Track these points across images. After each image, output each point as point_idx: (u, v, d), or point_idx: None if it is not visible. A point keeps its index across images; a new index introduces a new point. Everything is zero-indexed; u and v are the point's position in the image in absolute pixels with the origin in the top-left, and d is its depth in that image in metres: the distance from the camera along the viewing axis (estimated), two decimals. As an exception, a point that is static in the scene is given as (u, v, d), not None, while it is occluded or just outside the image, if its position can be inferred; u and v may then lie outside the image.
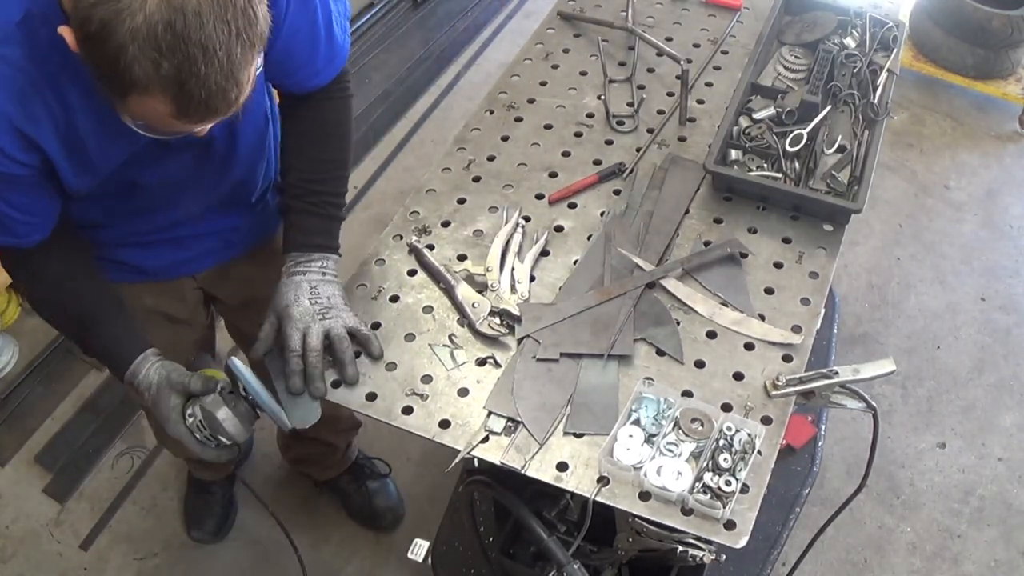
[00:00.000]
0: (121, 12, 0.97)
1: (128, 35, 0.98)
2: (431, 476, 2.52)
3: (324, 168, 1.56)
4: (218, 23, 1.01)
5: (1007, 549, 2.41)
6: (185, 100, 1.05)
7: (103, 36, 0.99)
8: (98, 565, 2.41)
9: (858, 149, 1.78)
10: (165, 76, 1.01)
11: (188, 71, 1.01)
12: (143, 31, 0.98)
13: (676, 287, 1.60)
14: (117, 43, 0.99)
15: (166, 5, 0.98)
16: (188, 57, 1.00)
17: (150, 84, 1.02)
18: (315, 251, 1.52)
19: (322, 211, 1.54)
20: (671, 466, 1.33)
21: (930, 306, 2.94)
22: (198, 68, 1.02)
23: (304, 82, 1.50)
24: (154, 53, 0.99)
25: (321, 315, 1.46)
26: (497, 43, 3.93)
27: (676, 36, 2.13)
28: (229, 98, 1.08)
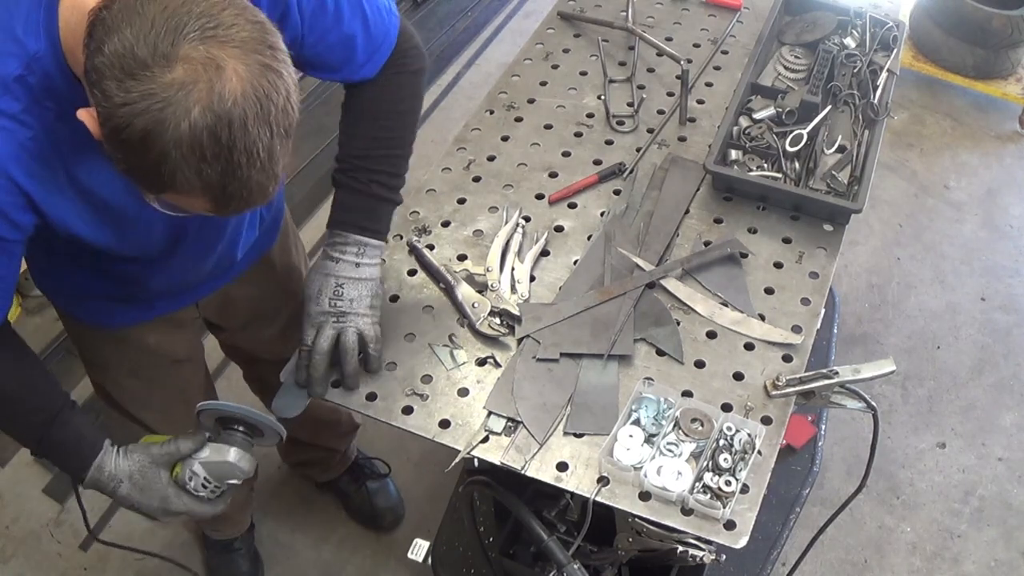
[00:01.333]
0: (164, 122, 0.94)
1: (172, 143, 0.95)
2: (431, 476, 2.51)
3: (374, 145, 1.49)
4: (261, 126, 0.99)
5: (1007, 549, 2.41)
6: (226, 200, 1.04)
7: (145, 145, 0.96)
8: (98, 565, 2.41)
9: (858, 149, 1.78)
10: (207, 181, 1.00)
11: (231, 176, 1.00)
12: (187, 140, 0.95)
13: (676, 287, 1.60)
14: (160, 151, 0.96)
15: (211, 113, 0.95)
16: (232, 163, 0.99)
17: (192, 189, 1.01)
18: (352, 232, 1.46)
19: (367, 189, 1.47)
20: (671, 466, 1.33)
21: (930, 306, 2.94)
22: (242, 172, 1.00)
23: (350, 77, 1.45)
24: (198, 162, 0.97)
25: (336, 318, 1.43)
26: (497, 43, 3.93)
27: (676, 36, 2.13)
28: (267, 193, 1.06)
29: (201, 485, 1.32)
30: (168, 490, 1.32)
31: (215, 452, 1.31)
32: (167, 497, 1.32)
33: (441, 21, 4.01)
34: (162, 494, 1.32)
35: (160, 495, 1.32)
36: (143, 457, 1.32)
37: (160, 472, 1.31)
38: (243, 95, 0.97)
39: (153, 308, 1.60)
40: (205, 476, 1.32)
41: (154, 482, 1.31)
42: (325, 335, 1.42)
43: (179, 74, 0.94)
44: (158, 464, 1.31)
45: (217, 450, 1.31)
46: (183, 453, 1.31)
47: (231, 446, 1.31)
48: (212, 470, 1.32)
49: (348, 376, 1.45)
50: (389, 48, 1.46)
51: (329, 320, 1.43)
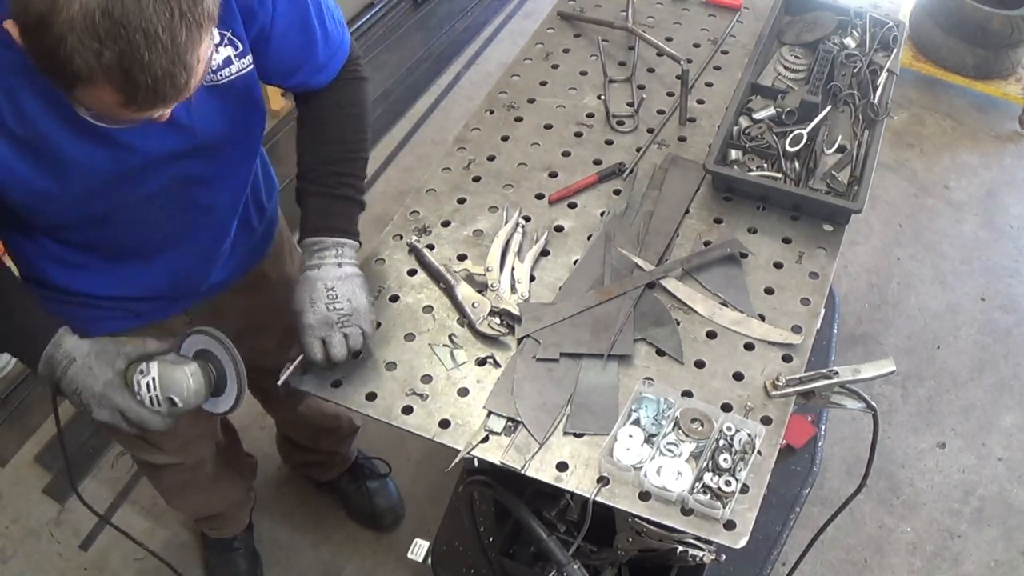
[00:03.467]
0: (57, 2, 0.94)
1: (66, 25, 0.94)
2: (431, 476, 2.51)
3: (337, 149, 1.50)
4: (158, 5, 0.97)
5: (1007, 549, 2.41)
6: (132, 88, 1.01)
7: (41, 28, 0.95)
8: (98, 565, 2.41)
9: (858, 149, 1.78)
10: (107, 65, 0.97)
11: (131, 58, 0.97)
12: (80, 20, 0.94)
13: (676, 287, 1.60)
14: (55, 34, 0.95)
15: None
16: (130, 43, 0.96)
17: (93, 74, 0.98)
18: (329, 235, 1.45)
19: (336, 191, 1.48)
20: (671, 466, 1.33)
21: (930, 306, 2.94)
22: (141, 54, 0.98)
23: (308, 80, 1.48)
24: (93, 42, 0.96)
25: (340, 323, 1.41)
26: (497, 43, 3.93)
27: (676, 36, 2.13)
28: (178, 83, 1.03)
29: (147, 385, 1.28)
30: (115, 379, 1.29)
31: (177, 363, 1.29)
32: (110, 383, 1.29)
33: (441, 21, 4.02)
34: (107, 379, 1.29)
35: (104, 379, 1.29)
36: (104, 345, 1.30)
37: (116, 360, 1.29)
38: None
39: (140, 315, 1.58)
40: (153, 377, 1.28)
41: (104, 365, 1.29)
42: (336, 342, 1.40)
43: None
44: (114, 354, 1.30)
45: (181, 362, 1.30)
46: (148, 351, 1.30)
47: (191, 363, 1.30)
48: (163, 374, 1.28)
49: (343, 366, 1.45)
50: (345, 54, 1.51)
51: (335, 327, 1.41)
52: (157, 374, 1.29)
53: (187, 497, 2.14)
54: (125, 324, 1.58)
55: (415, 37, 3.95)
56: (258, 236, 1.69)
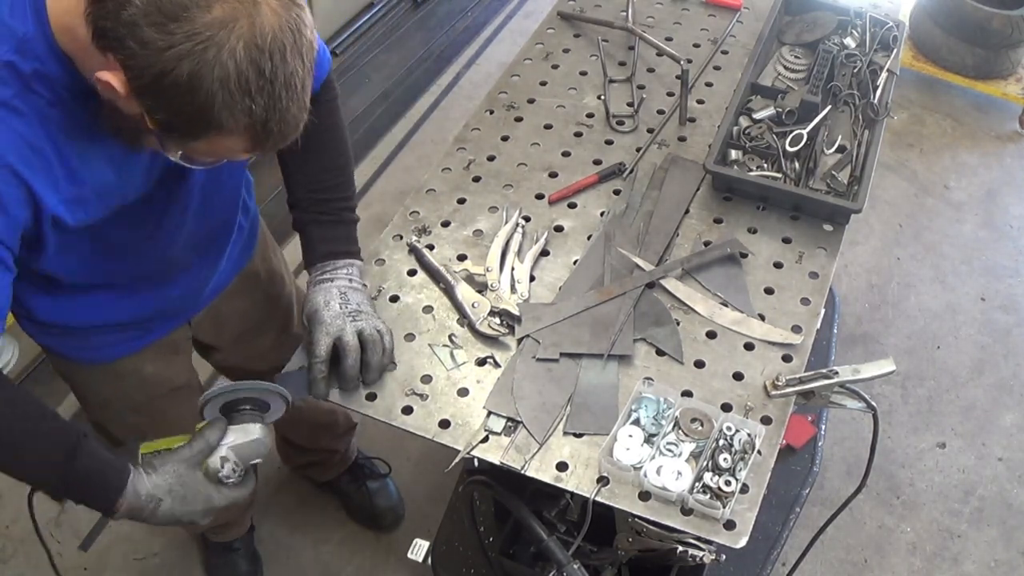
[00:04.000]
0: (210, 60, 0.96)
1: (219, 82, 0.97)
2: (431, 476, 2.51)
3: (330, 175, 1.54)
4: (295, 58, 1.02)
5: (1007, 549, 2.41)
6: (264, 136, 1.05)
7: (192, 85, 0.97)
8: (98, 565, 2.41)
9: (858, 149, 1.78)
10: (253, 116, 1.02)
11: (273, 108, 1.02)
12: (234, 77, 0.97)
13: (676, 287, 1.60)
14: (207, 90, 0.97)
15: (255, 48, 0.98)
16: (274, 96, 1.01)
17: (236, 126, 1.02)
18: (339, 259, 1.50)
19: (336, 216, 1.53)
20: (671, 466, 1.33)
21: (930, 306, 2.94)
22: (282, 104, 1.02)
23: None
24: (245, 98, 0.99)
25: (352, 317, 1.44)
26: (497, 43, 3.93)
27: (676, 36, 2.13)
28: (299, 126, 1.08)
29: (231, 471, 1.29)
30: (209, 489, 1.28)
31: (239, 434, 1.29)
32: (210, 497, 1.28)
33: (441, 21, 4.02)
34: (205, 495, 1.28)
35: (204, 497, 1.28)
36: (176, 465, 1.26)
37: (196, 473, 1.27)
38: (280, 28, 1.00)
39: (150, 332, 1.58)
40: (235, 460, 1.29)
41: (194, 486, 1.27)
42: (350, 331, 1.43)
43: (218, 13, 0.96)
44: (192, 466, 1.27)
45: (241, 431, 1.29)
46: (213, 445, 1.28)
47: (252, 423, 1.30)
48: (241, 452, 1.29)
49: (374, 369, 1.45)
50: (326, 72, 1.52)
51: (347, 321, 1.43)
52: (235, 457, 1.30)
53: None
54: (134, 345, 1.58)
55: (415, 37, 3.95)
56: (246, 234, 1.70)
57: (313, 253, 1.51)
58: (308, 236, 1.53)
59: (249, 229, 1.70)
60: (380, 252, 1.69)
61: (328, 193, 1.53)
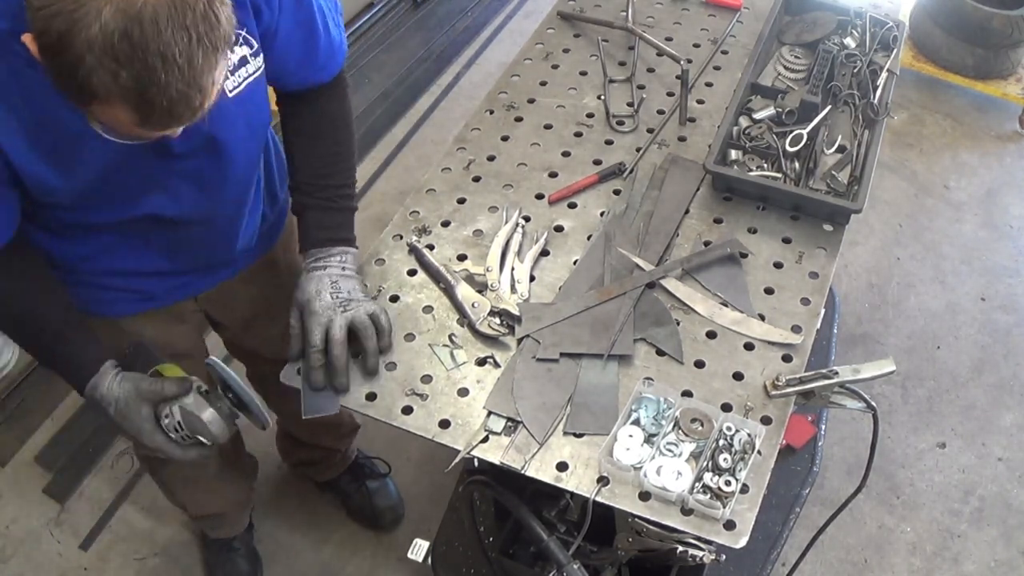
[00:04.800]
0: (78, 23, 0.95)
1: (85, 45, 0.96)
2: (431, 476, 2.51)
3: (332, 162, 1.56)
4: (177, 29, 0.99)
5: (1007, 549, 2.41)
6: (147, 109, 1.03)
7: (60, 47, 0.97)
8: (98, 565, 2.41)
9: (858, 149, 1.78)
10: (124, 86, 0.99)
11: (148, 80, 1.00)
12: (100, 41, 0.96)
13: (676, 287, 1.60)
14: (75, 54, 0.97)
15: (122, 15, 0.96)
16: (147, 66, 0.99)
17: (110, 94, 1.01)
18: (333, 245, 1.52)
19: (335, 204, 1.54)
20: (671, 466, 1.33)
21: (930, 306, 2.94)
22: (158, 76, 1.00)
23: (307, 79, 1.50)
24: (112, 63, 0.98)
25: (343, 307, 1.46)
26: (497, 43, 3.93)
27: (676, 36, 2.13)
28: (192, 105, 1.05)
29: (174, 428, 1.36)
30: (145, 424, 1.35)
31: (196, 405, 1.34)
32: (142, 429, 1.35)
33: (441, 21, 4.01)
34: (139, 426, 1.35)
35: (137, 426, 1.35)
36: (131, 387, 1.36)
37: (142, 406, 1.35)
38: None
39: (152, 299, 1.60)
40: (179, 421, 1.35)
41: (134, 413, 1.35)
42: (337, 324, 1.45)
43: None
44: (142, 398, 1.35)
45: (198, 404, 1.34)
46: (166, 395, 1.35)
47: (210, 407, 1.34)
48: (186, 419, 1.35)
49: (370, 355, 1.46)
50: (343, 57, 1.53)
51: (337, 311, 1.46)
52: (180, 418, 1.35)
53: (189, 495, 2.14)
54: (137, 307, 1.60)
55: (415, 37, 3.95)
56: (270, 224, 1.71)
57: (308, 238, 1.53)
58: (305, 221, 1.55)
59: (275, 219, 1.72)
60: (380, 252, 1.69)
61: (328, 179, 1.55)
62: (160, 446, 1.37)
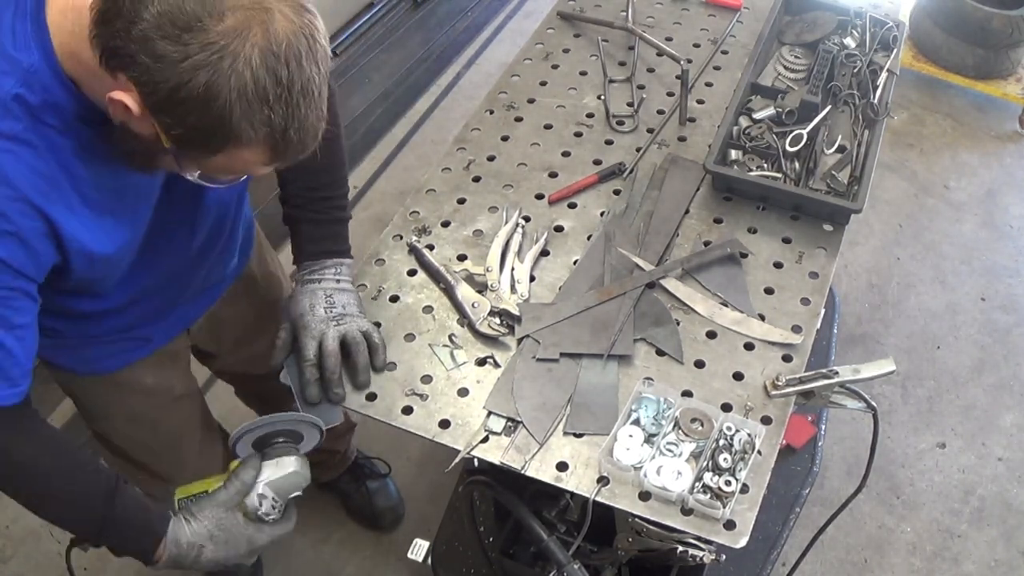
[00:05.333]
0: (225, 71, 0.94)
1: (236, 92, 0.95)
2: (431, 476, 2.51)
3: (323, 173, 1.53)
4: (311, 64, 1.00)
5: (1007, 549, 2.41)
6: (284, 146, 1.03)
7: (208, 96, 0.95)
8: (98, 565, 2.41)
9: (858, 149, 1.78)
10: (272, 126, 1.00)
11: (292, 117, 1.00)
12: (251, 85, 0.96)
13: (676, 287, 1.60)
14: (224, 101, 0.96)
15: (271, 55, 0.96)
16: (292, 103, 0.99)
17: (255, 137, 1.00)
18: (328, 257, 1.51)
19: (328, 215, 1.53)
20: (671, 466, 1.33)
21: (930, 306, 2.94)
22: (301, 113, 1.00)
23: None
24: (263, 108, 0.97)
25: (335, 321, 1.46)
26: (497, 43, 3.93)
27: (676, 36, 2.13)
28: (318, 135, 1.06)
29: (271, 507, 1.28)
30: (250, 529, 1.28)
31: (274, 468, 1.28)
32: (252, 537, 1.28)
33: (441, 21, 4.01)
34: (247, 536, 1.28)
35: (246, 538, 1.28)
36: (214, 510, 1.27)
37: (236, 515, 1.27)
38: (294, 34, 0.98)
39: (151, 341, 1.57)
40: (273, 496, 1.28)
41: (235, 528, 1.27)
42: (330, 337, 1.44)
43: (231, 22, 0.95)
44: (230, 509, 1.27)
45: (276, 465, 1.28)
46: (249, 484, 1.28)
47: (286, 456, 1.29)
48: (278, 487, 1.28)
49: (360, 371, 1.46)
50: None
51: (330, 325, 1.45)
52: (273, 492, 1.29)
53: None
54: (136, 354, 1.56)
55: (415, 37, 3.95)
56: (241, 239, 1.69)
57: (301, 252, 1.52)
58: (298, 233, 1.53)
59: (245, 234, 1.69)
60: (380, 252, 1.69)
61: (321, 191, 1.53)
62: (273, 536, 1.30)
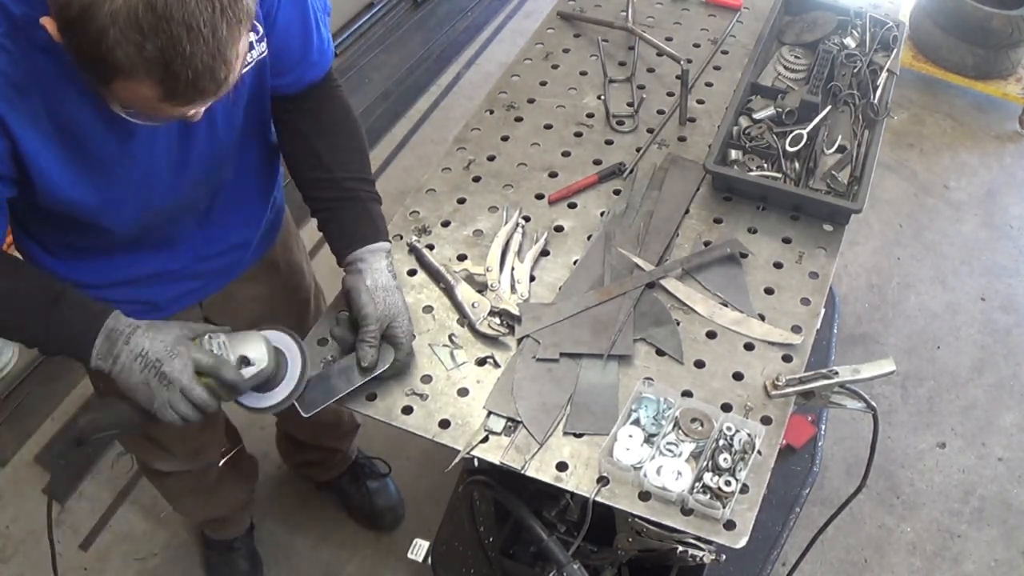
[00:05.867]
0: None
1: (109, 17, 0.95)
2: (431, 476, 2.51)
3: (352, 160, 1.53)
4: (200, 0, 0.98)
5: (1007, 549, 2.41)
6: (172, 82, 1.01)
7: (83, 20, 0.96)
8: (98, 565, 2.41)
9: (858, 149, 1.78)
10: (149, 58, 0.98)
11: (172, 52, 0.98)
12: (124, 13, 0.95)
13: (676, 287, 1.60)
14: (98, 26, 0.95)
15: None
16: (172, 37, 0.97)
17: (134, 68, 0.99)
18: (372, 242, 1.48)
19: (362, 202, 1.51)
20: (671, 466, 1.33)
21: (930, 306, 2.94)
22: (183, 48, 0.98)
23: (303, 77, 1.48)
24: (136, 35, 0.96)
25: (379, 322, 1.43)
26: (497, 43, 3.93)
27: (676, 36, 2.13)
28: (218, 77, 1.04)
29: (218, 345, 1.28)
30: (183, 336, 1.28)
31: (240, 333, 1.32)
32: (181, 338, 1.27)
33: (441, 21, 4.02)
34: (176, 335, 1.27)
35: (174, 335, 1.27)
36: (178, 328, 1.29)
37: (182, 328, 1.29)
38: None
39: (158, 309, 1.58)
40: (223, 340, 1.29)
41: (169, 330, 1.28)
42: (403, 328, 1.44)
43: None
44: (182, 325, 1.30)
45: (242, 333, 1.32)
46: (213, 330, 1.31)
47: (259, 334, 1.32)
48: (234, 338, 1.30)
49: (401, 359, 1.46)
50: (331, 56, 1.51)
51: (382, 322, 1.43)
52: (226, 338, 1.30)
53: (191, 502, 2.15)
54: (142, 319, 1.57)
55: (415, 37, 3.95)
56: (268, 224, 1.70)
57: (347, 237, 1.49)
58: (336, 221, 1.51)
59: (272, 219, 1.71)
60: (380, 252, 1.68)
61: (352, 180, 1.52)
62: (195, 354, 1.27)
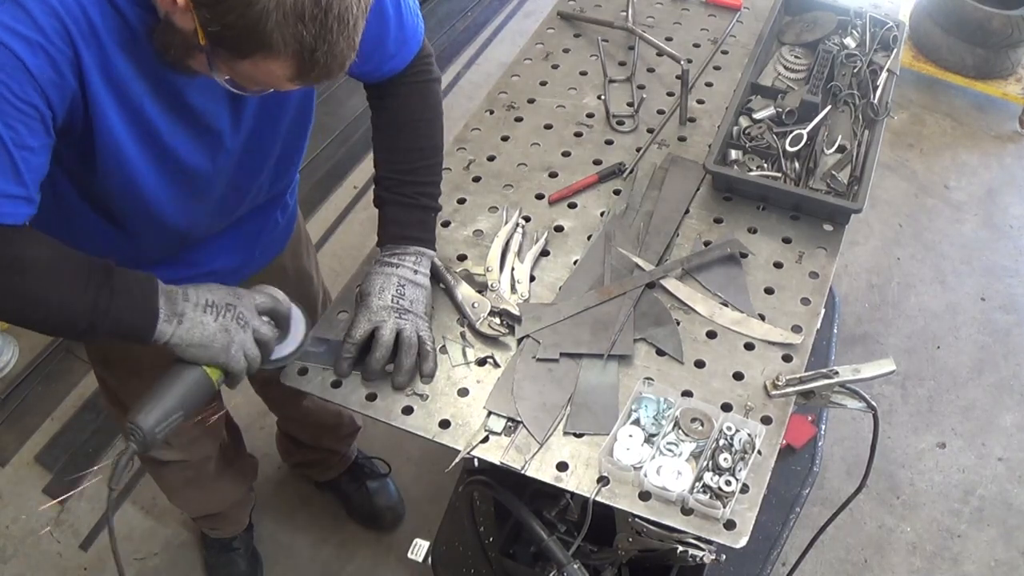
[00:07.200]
0: None
1: (275, 2, 0.99)
2: (431, 476, 2.51)
3: (415, 157, 1.53)
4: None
5: (1007, 549, 2.41)
6: (310, 66, 1.07)
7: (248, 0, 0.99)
8: (98, 565, 2.41)
9: (858, 149, 1.78)
10: (302, 43, 1.03)
11: (322, 40, 1.04)
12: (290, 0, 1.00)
13: (676, 287, 1.60)
14: (262, 7, 0.99)
15: None
16: (325, 27, 1.03)
17: (284, 49, 1.04)
18: (410, 244, 1.50)
19: (416, 202, 1.52)
20: (671, 466, 1.33)
21: (930, 306, 2.94)
22: (332, 37, 1.05)
23: (380, 67, 1.48)
24: (297, 23, 1.01)
25: (399, 313, 1.44)
26: (497, 43, 3.93)
27: (676, 36, 2.13)
28: (345, 65, 1.11)
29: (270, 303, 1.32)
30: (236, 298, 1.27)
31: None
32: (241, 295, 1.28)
33: (441, 21, 4.02)
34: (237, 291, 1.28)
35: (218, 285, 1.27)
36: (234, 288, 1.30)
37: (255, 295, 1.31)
38: None
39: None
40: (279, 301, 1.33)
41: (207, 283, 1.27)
42: (389, 327, 1.43)
43: None
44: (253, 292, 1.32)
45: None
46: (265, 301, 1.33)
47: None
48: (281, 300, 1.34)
49: (404, 371, 1.44)
50: (417, 45, 1.50)
51: (392, 315, 1.44)
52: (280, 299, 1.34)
53: (189, 495, 2.14)
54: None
55: (415, 37, 3.94)
56: (280, 229, 1.70)
57: (386, 232, 1.52)
58: (384, 216, 1.53)
59: (284, 225, 1.71)
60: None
61: (414, 175, 1.53)
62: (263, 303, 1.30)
